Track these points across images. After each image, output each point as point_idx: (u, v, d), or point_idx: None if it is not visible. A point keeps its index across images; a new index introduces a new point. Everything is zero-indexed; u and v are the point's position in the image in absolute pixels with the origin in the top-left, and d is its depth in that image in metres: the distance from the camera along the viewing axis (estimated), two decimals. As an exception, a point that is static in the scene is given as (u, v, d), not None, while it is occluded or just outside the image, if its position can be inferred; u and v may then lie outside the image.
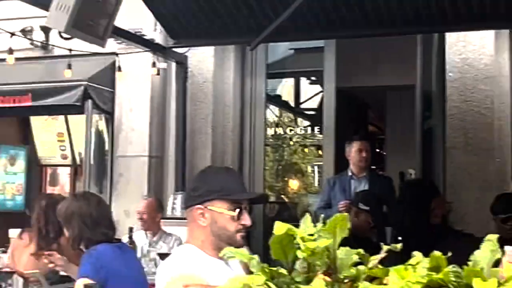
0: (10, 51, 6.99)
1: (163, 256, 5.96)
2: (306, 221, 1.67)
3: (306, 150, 12.95)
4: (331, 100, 8.16)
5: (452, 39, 7.12)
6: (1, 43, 7.29)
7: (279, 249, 1.67)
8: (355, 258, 1.64)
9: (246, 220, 2.67)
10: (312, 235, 1.64)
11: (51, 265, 5.05)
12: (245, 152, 8.33)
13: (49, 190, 9.62)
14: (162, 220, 6.84)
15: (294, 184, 12.01)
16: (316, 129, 13.01)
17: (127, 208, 7.20)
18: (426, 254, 1.58)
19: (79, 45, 6.45)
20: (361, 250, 1.65)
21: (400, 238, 5.20)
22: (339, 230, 1.64)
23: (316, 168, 15.11)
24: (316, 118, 12.46)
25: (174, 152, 7.97)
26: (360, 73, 8.52)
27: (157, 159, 8.15)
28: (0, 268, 4.43)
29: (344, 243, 1.63)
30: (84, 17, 4.89)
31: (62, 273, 5.33)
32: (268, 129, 9.16)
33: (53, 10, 4.79)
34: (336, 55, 8.01)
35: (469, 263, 1.53)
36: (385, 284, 1.57)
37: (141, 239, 6.63)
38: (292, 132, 11.57)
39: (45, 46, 7.96)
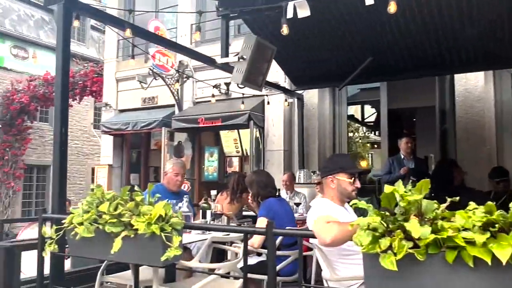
0: (213, 95, 7.28)
1: (297, 204, 5.91)
2: (400, 184, 1.65)
3: (368, 144, 12.83)
4: (384, 116, 7.95)
5: (458, 76, 6.84)
6: (208, 92, 7.67)
7: (386, 200, 1.68)
8: (435, 206, 1.62)
9: (358, 184, 2.60)
10: (406, 192, 1.63)
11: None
12: (336, 146, 8.17)
13: (228, 169, 9.69)
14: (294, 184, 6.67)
15: (361, 163, 11.94)
16: (371, 133, 12.85)
17: (273, 179, 7.01)
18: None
19: (246, 91, 6.49)
20: (436, 201, 1.61)
21: (433, 195, 5.08)
22: (423, 189, 1.62)
23: (371, 155, 14.86)
24: (371, 127, 12.29)
25: (297, 147, 7.89)
26: (401, 99, 8.30)
27: (288, 152, 8.06)
28: (215, 211, 4.55)
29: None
30: (250, 75, 4.80)
31: (243, 213, 5.54)
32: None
33: (234, 72, 4.76)
34: (387, 90, 7.87)
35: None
36: (453, 222, 1.55)
37: (284, 195, 6.33)
38: (359, 134, 11.50)
39: (227, 93, 8.13)
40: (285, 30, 3.39)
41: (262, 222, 3.44)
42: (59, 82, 3.12)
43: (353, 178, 2.57)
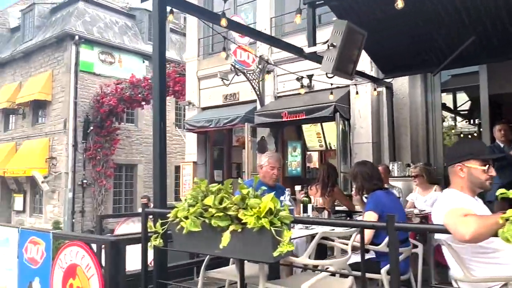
0: (302, 86, 7.11)
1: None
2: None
3: (461, 135, 12.01)
4: (485, 102, 7.18)
5: None
6: (289, 86, 7.53)
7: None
8: None
9: (492, 172, 2.31)
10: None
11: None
12: (429, 136, 7.60)
13: (308, 164, 9.52)
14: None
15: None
16: (466, 122, 11.92)
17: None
18: None
19: (332, 81, 6.26)
20: None
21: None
22: None
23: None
24: (465, 115, 11.44)
25: (387, 139, 7.53)
26: (501, 84, 7.57)
27: (376, 144, 7.71)
28: (316, 205, 4.40)
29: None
30: (341, 64, 4.64)
31: (337, 208, 5.40)
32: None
33: (324, 61, 4.60)
34: (487, 74, 7.13)
35: None
36: None
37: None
38: (450, 124, 10.76)
39: (309, 85, 7.95)
40: (400, 3, 3.16)
41: (370, 217, 3.26)
42: (157, 73, 3.17)
43: (487, 166, 2.28)
